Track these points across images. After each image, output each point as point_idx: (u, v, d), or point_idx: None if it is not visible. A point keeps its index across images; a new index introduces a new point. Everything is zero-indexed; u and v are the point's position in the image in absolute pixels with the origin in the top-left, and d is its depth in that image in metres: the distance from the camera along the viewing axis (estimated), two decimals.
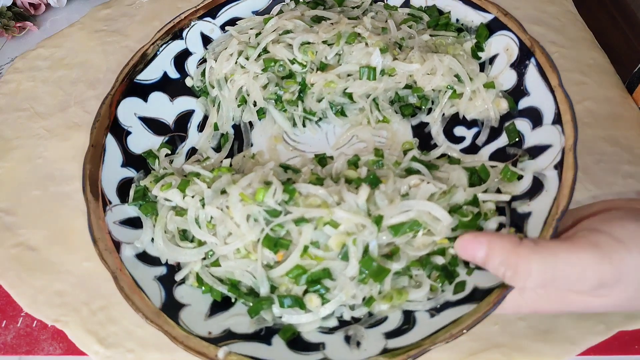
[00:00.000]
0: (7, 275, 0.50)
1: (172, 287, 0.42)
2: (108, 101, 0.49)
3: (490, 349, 0.42)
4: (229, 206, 0.42)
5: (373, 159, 0.48)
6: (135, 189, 0.47)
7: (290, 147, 0.54)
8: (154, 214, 0.45)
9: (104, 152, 0.47)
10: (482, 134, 0.51)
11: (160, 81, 0.53)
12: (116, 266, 0.41)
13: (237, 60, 0.53)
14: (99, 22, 0.72)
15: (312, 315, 0.40)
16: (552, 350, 0.42)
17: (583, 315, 0.43)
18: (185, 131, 0.53)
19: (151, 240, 0.45)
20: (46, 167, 0.58)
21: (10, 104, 0.64)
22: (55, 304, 0.47)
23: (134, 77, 0.52)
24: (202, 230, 0.43)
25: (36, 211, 0.54)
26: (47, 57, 0.69)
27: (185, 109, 0.54)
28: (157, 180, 0.47)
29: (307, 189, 0.42)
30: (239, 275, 0.42)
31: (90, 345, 0.45)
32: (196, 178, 0.45)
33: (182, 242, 0.44)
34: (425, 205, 0.40)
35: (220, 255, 0.42)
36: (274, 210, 0.41)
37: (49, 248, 0.51)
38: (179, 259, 0.44)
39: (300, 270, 0.40)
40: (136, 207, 0.46)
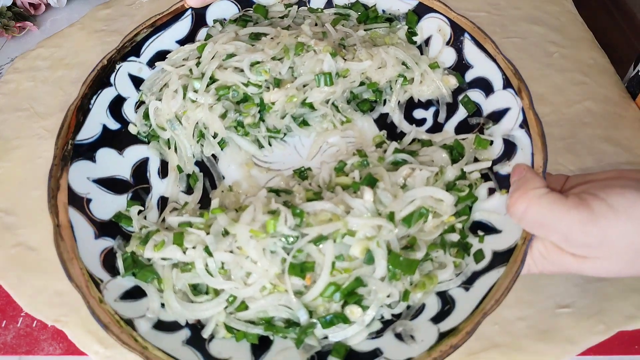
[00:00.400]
0: (7, 275, 0.50)
1: (205, 346, 0.40)
2: (55, 174, 0.45)
3: (490, 349, 0.42)
4: (241, 246, 0.40)
5: (358, 161, 0.48)
6: (123, 258, 0.43)
7: (264, 170, 0.52)
8: (154, 278, 0.42)
9: (72, 229, 0.43)
10: (440, 111, 0.53)
11: (102, 136, 0.48)
12: (141, 346, 0.38)
13: (185, 96, 0.50)
14: (99, 22, 0.72)
15: (357, 325, 0.40)
16: (552, 350, 0.42)
17: (583, 315, 0.43)
18: (147, 182, 0.50)
19: (161, 305, 0.42)
20: (46, 167, 0.57)
21: (10, 104, 0.64)
22: (55, 304, 0.47)
23: (73, 139, 0.47)
24: (216, 278, 0.41)
25: (36, 211, 0.54)
26: (47, 57, 0.69)
27: (139, 159, 0.50)
28: (144, 241, 0.43)
29: (314, 206, 0.42)
30: (274, 311, 0.40)
31: (90, 345, 0.45)
32: (189, 228, 0.43)
33: (197, 297, 0.42)
34: (427, 191, 0.42)
35: (246, 298, 0.41)
36: (289, 237, 0.40)
37: (49, 248, 0.50)
38: (200, 316, 0.41)
39: (334, 287, 0.40)
40: (131, 277, 0.43)
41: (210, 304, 0.41)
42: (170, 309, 0.41)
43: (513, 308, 0.44)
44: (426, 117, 0.53)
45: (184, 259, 0.42)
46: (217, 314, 0.41)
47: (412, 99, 0.55)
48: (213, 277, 0.41)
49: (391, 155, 0.48)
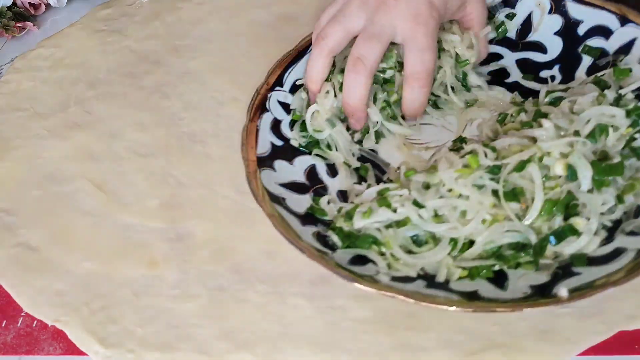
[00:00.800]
0: (7, 275, 0.50)
1: (448, 287, 0.42)
2: (251, 179, 0.49)
3: (490, 349, 0.42)
4: (451, 188, 0.43)
5: (516, 109, 0.51)
6: (336, 233, 0.46)
7: (423, 149, 0.54)
8: (372, 243, 0.44)
9: (283, 217, 0.46)
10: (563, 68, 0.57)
11: (272, 151, 0.53)
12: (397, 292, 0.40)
13: (336, 94, 0.52)
14: (99, 22, 0.72)
15: (585, 235, 0.41)
16: (552, 350, 0.42)
17: (583, 315, 0.43)
18: (321, 182, 0.52)
19: (387, 266, 0.43)
20: (46, 167, 0.58)
21: (10, 104, 0.64)
22: (55, 304, 0.47)
23: (255, 153, 0.51)
24: (435, 224, 0.43)
25: (36, 211, 0.54)
26: (47, 57, 0.69)
27: (307, 165, 0.53)
28: (349, 216, 0.46)
29: (503, 142, 0.45)
30: (500, 239, 0.42)
31: (90, 345, 0.45)
32: (391, 191, 0.45)
33: (420, 248, 0.44)
34: (599, 109, 0.45)
35: (468, 235, 0.42)
36: (494, 168, 0.42)
37: (49, 248, 0.51)
38: (431, 261, 0.43)
39: (551, 203, 0.41)
40: (348, 249, 0.45)
41: (436, 250, 0.43)
42: (401, 260, 0.43)
43: None
44: (554, 74, 0.56)
45: (397, 217, 0.44)
46: (444, 258, 0.42)
47: (529, 61, 0.58)
48: (435, 223, 0.43)
49: (545, 98, 0.50)
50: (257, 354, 0.43)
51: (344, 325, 0.43)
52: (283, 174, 0.51)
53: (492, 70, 0.58)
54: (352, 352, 0.42)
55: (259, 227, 0.50)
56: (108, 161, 0.57)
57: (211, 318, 0.45)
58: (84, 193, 0.55)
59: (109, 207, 0.53)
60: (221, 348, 0.43)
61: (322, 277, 0.46)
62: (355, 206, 0.46)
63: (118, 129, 0.60)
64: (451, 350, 0.42)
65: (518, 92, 0.56)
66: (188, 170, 0.56)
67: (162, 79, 0.65)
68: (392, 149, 0.54)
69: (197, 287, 0.47)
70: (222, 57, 0.66)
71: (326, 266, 0.42)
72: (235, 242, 0.49)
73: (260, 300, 0.46)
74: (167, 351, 0.44)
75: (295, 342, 0.43)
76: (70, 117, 0.62)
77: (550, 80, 0.56)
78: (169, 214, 0.52)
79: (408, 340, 0.42)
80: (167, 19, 0.72)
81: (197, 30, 0.70)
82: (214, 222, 0.51)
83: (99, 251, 0.50)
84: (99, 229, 0.52)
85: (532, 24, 0.58)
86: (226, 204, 0.52)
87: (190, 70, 0.65)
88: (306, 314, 0.44)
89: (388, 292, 0.40)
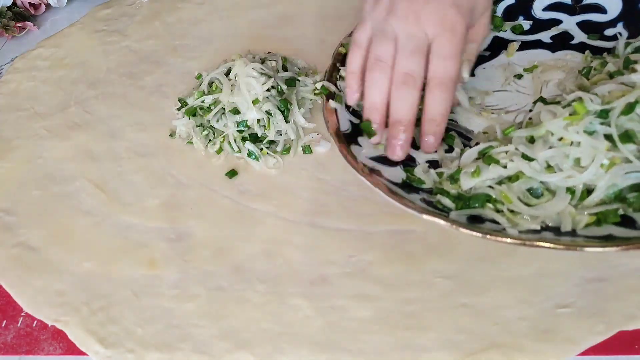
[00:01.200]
0: (7, 275, 0.50)
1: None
2: (341, 150, 0.48)
3: (490, 348, 0.42)
4: (561, 137, 0.42)
5: (599, 62, 0.51)
6: (445, 195, 0.45)
7: (502, 112, 0.53)
8: (487, 200, 0.43)
9: (387, 186, 0.45)
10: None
11: (354, 129, 0.52)
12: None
13: None
14: (99, 22, 0.73)
15: None
16: (552, 350, 0.42)
17: (583, 315, 0.43)
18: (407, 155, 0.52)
19: (507, 222, 0.42)
20: (46, 167, 0.58)
21: (10, 104, 0.64)
22: (55, 304, 0.47)
23: (339, 130, 0.51)
24: (552, 175, 0.42)
25: (36, 211, 0.54)
26: (47, 57, 0.69)
27: None
28: (454, 179, 0.45)
29: (603, 89, 0.44)
30: (623, 183, 0.41)
31: (90, 345, 0.45)
32: (495, 149, 0.45)
33: (538, 200, 0.43)
34: None
35: (587, 182, 0.42)
36: (602, 112, 0.42)
37: (49, 248, 0.51)
38: (552, 212, 0.42)
39: None
40: (463, 210, 0.44)
41: (554, 201, 0.42)
42: (523, 213, 0.42)
43: (513, 308, 0.44)
44: (619, 31, 0.56)
45: (508, 172, 0.43)
46: (565, 207, 0.42)
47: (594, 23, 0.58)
48: (547, 174, 0.42)
49: (626, 49, 0.51)
50: (257, 354, 0.43)
51: (344, 325, 0.43)
52: (368, 149, 0.51)
53: (555, 35, 0.58)
54: (352, 352, 0.42)
55: (259, 227, 0.50)
56: (108, 161, 0.57)
57: (211, 318, 0.45)
58: (84, 193, 0.55)
59: (109, 207, 0.53)
60: (221, 348, 0.43)
61: (322, 277, 0.46)
62: (458, 169, 0.46)
63: (118, 129, 0.60)
64: (451, 350, 0.42)
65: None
66: (188, 170, 0.56)
67: (162, 79, 0.65)
68: (472, 116, 0.53)
69: (196, 287, 0.47)
70: (222, 57, 0.66)
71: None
72: (235, 242, 0.49)
73: (260, 300, 0.46)
74: (167, 351, 0.44)
75: (295, 342, 0.43)
76: (70, 117, 0.62)
77: (619, 36, 0.55)
78: (169, 214, 0.52)
79: (408, 340, 0.42)
80: (167, 19, 0.73)
81: (197, 30, 0.70)
82: (214, 222, 0.51)
83: (99, 251, 0.50)
84: (99, 229, 0.52)
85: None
86: (226, 204, 0.52)
87: (190, 70, 0.65)
88: (306, 314, 0.44)
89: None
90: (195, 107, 0.58)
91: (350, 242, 0.48)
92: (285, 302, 0.45)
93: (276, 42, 0.67)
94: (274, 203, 0.52)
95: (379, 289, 0.45)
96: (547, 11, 0.59)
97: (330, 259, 0.47)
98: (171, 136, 0.59)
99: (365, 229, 0.49)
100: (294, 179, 0.53)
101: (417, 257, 0.47)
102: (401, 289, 0.45)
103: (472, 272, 0.45)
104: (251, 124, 0.55)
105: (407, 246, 0.47)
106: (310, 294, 0.45)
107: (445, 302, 0.44)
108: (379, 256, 0.47)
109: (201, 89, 0.59)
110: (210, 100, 0.57)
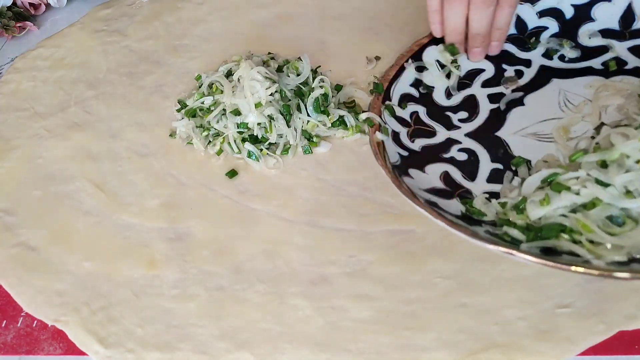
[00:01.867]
0: (7, 275, 0.50)
1: None
2: (396, 183, 0.47)
3: (490, 348, 0.42)
4: (639, 159, 0.41)
5: None
6: (517, 228, 0.43)
7: None
8: (561, 230, 0.41)
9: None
10: None
11: (403, 161, 0.52)
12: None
13: None
14: (99, 22, 0.72)
15: None
16: (552, 350, 0.42)
17: (583, 315, 0.43)
18: (461, 187, 0.50)
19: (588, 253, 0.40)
20: (46, 167, 0.58)
21: (10, 104, 0.64)
22: (55, 304, 0.47)
23: (387, 162, 0.50)
24: (634, 200, 0.40)
25: (36, 211, 0.54)
26: (47, 57, 0.69)
27: (441, 171, 0.51)
28: (520, 209, 0.43)
29: None
30: None
31: (90, 345, 0.45)
32: (562, 176, 0.43)
33: (620, 228, 0.40)
34: None
35: None
36: None
37: (49, 248, 0.51)
38: (633, 248, 0.39)
39: None
40: (534, 241, 0.42)
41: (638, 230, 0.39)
42: (607, 243, 0.39)
43: (513, 308, 0.44)
44: None
45: (582, 199, 0.41)
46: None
47: None
48: (628, 200, 0.40)
49: None
50: (257, 354, 0.43)
51: (344, 325, 0.43)
52: (420, 181, 0.50)
53: (606, 61, 0.57)
54: (352, 352, 0.42)
55: (259, 227, 0.50)
56: (108, 161, 0.57)
57: (211, 318, 0.45)
58: (84, 193, 0.55)
59: (109, 207, 0.53)
60: (221, 348, 0.43)
61: (322, 277, 0.46)
62: (522, 198, 0.43)
63: (118, 129, 0.60)
64: (451, 350, 0.42)
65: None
66: (188, 170, 0.56)
67: (162, 79, 0.65)
68: (529, 143, 0.52)
69: (196, 287, 0.47)
70: (222, 57, 0.66)
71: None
72: (235, 242, 0.49)
73: (260, 300, 0.46)
74: (167, 351, 0.44)
75: (295, 342, 0.43)
76: (70, 117, 0.62)
77: None
78: (169, 214, 0.52)
79: (408, 340, 0.42)
80: (167, 19, 0.73)
81: (197, 30, 0.70)
82: (214, 222, 0.51)
83: (99, 251, 0.50)
84: (99, 229, 0.52)
85: (634, 14, 0.58)
86: (226, 204, 0.52)
87: (190, 70, 0.65)
88: (306, 314, 0.44)
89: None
90: (195, 108, 0.58)
91: (350, 242, 0.48)
92: (285, 302, 0.45)
93: (276, 42, 0.67)
94: (274, 203, 0.52)
95: (379, 289, 0.45)
96: (594, 38, 0.59)
97: (330, 259, 0.47)
98: (171, 136, 0.59)
99: (365, 229, 0.49)
100: (294, 179, 0.53)
101: (417, 257, 0.47)
102: (401, 289, 0.45)
103: (472, 272, 0.45)
104: (252, 126, 0.55)
105: (407, 246, 0.47)
106: (310, 294, 0.45)
107: (445, 302, 0.44)
108: (379, 256, 0.47)
109: (201, 91, 0.59)
110: (210, 101, 0.57)
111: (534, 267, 0.45)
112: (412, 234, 0.48)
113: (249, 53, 0.63)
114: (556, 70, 0.57)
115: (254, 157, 0.54)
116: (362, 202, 0.51)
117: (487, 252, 0.46)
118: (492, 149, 0.52)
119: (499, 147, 0.52)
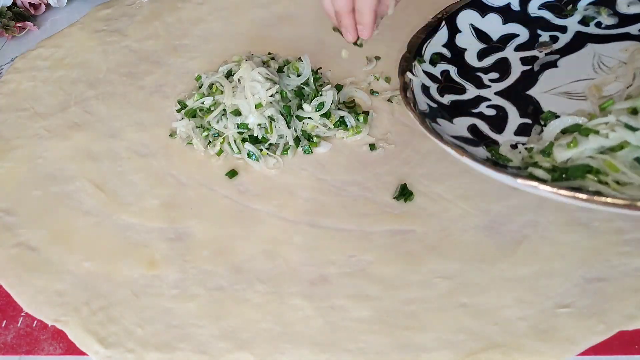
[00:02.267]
0: (7, 275, 0.50)
1: None
2: (425, 126, 0.47)
3: (490, 348, 0.42)
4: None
5: None
6: (538, 167, 0.43)
7: None
8: (588, 170, 0.41)
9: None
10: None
11: (430, 110, 0.52)
12: None
13: None
14: (99, 22, 0.73)
15: None
16: (552, 350, 0.42)
17: (583, 315, 0.43)
18: (488, 138, 0.51)
19: None
20: (46, 167, 0.58)
21: (10, 104, 0.64)
22: (55, 304, 0.47)
23: (416, 109, 0.50)
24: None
25: (36, 211, 0.54)
26: (47, 57, 0.69)
27: (468, 123, 0.52)
28: (547, 152, 0.43)
29: None
30: None
31: (90, 345, 0.45)
32: (591, 121, 0.43)
33: None
34: None
35: None
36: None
37: (49, 248, 0.51)
38: None
39: None
40: (563, 181, 0.41)
41: None
42: (634, 183, 0.39)
43: (513, 308, 0.44)
44: None
45: (610, 142, 0.41)
46: None
47: None
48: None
49: None
50: (257, 354, 0.43)
51: (344, 325, 0.43)
52: (448, 129, 0.50)
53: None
54: (352, 352, 0.42)
55: (259, 227, 0.50)
56: (108, 161, 0.57)
57: (211, 318, 0.45)
58: (84, 193, 0.55)
59: (109, 207, 0.53)
60: (221, 348, 0.43)
61: (322, 277, 0.46)
62: (550, 143, 0.44)
63: (118, 129, 0.60)
64: (451, 350, 0.42)
65: None
66: (188, 170, 0.56)
67: (162, 79, 0.65)
68: (559, 100, 0.51)
69: (196, 287, 0.47)
70: (222, 57, 0.66)
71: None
72: (235, 242, 0.49)
73: (259, 300, 0.46)
74: (167, 351, 0.44)
75: (295, 342, 0.43)
76: (70, 117, 0.62)
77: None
78: (169, 214, 0.52)
79: (408, 340, 0.42)
80: (167, 19, 0.73)
81: (197, 30, 0.71)
82: (214, 222, 0.51)
83: (99, 251, 0.50)
84: (99, 229, 0.52)
85: None
86: (226, 204, 0.52)
87: (190, 70, 0.65)
88: (306, 314, 0.44)
89: None
90: (195, 108, 0.58)
91: (350, 242, 0.48)
92: (285, 302, 0.45)
93: (276, 42, 0.67)
94: (274, 203, 0.52)
95: (379, 289, 0.45)
96: (632, 6, 0.57)
97: (330, 259, 0.47)
98: (171, 136, 0.59)
99: (365, 229, 0.49)
100: (294, 179, 0.54)
101: (417, 257, 0.47)
102: (401, 289, 0.45)
103: (472, 272, 0.45)
104: (252, 127, 0.55)
105: (407, 246, 0.47)
106: (310, 294, 0.45)
107: (445, 302, 0.44)
108: (379, 256, 0.47)
109: (201, 92, 0.59)
110: (210, 102, 0.57)
111: (533, 267, 0.45)
112: (412, 234, 0.48)
113: (249, 53, 0.63)
114: (592, 36, 0.57)
115: (254, 157, 0.55)
116: (362, 202, 0.51)
117: (486, 252, 0.46)
118: (521, 106, 0.52)
119: (529, 104, 0.52)
